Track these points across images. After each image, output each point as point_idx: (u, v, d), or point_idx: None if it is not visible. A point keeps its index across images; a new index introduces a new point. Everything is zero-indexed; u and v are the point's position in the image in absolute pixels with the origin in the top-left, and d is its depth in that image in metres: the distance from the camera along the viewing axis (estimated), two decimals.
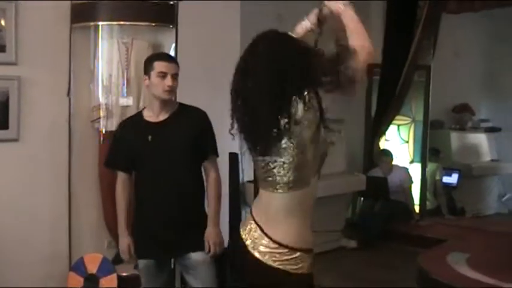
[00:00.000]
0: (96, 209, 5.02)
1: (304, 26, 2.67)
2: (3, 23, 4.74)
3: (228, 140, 3.84)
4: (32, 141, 4.91)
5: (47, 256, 4.96)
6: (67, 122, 4.96)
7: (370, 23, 7.72)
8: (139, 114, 3.69)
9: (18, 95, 4.82)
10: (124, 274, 4.80)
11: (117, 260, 4.97)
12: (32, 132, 4.90)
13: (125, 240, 3.64)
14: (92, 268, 4.68)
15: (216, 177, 3.65)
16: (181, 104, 3.64)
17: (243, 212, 5.41)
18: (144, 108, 3.75)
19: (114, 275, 4.68)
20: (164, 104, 3.52)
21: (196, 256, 3.52)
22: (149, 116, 3.58)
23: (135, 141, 3.57)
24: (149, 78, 3.52)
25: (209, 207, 3.63)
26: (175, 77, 3.52)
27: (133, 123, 3.68)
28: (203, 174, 3.67)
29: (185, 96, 3.85)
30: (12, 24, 4.76)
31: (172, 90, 3.51)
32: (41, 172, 4.95)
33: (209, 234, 3.54)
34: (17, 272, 4.72)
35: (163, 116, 3.53)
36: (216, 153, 3.70)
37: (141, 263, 3.67)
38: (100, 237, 5.13)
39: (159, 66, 3.50)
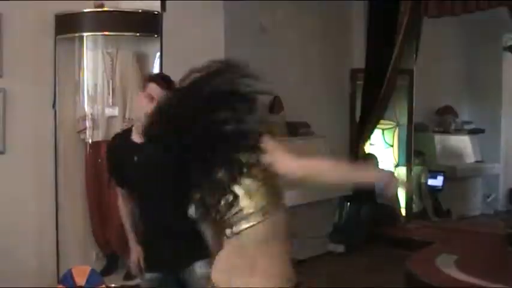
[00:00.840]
0: (83, 220, 5.02)
1: None
2: None
3: None
4: (17, 153, 4.90)
5: (34, 268, 4.94)
6: (52, 134, 4.95)
7: (353, 25, 7.80)
8: (129, 131, 3.61)
9: (3, 107, 4.81)
10: (113, 285, 4.80)
11: (106, 271, 4.99)
12: (18, 144, 4.89)
13: (134, 253, 3.61)
14: (81, 280, 4.64)
15: None
16: None
17: None
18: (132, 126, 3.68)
19: (103, 287, 4.66)
20: None
21: (200, 269, 3.46)
22: (136, 136, 3.51)
23: (123, 161, 3.51)
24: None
25: None
26: None
27: (123, 141, 3.63)
28: None
29: None
30: None
31: None
32: (27, 184, 4.94)
33: None
34: (3, 284, 4.69)
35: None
36: None
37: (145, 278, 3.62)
38: (88, 248, 5.13)
39: (151, 88, 3.34)
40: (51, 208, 4.98)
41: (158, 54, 4.98)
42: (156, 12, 4.95)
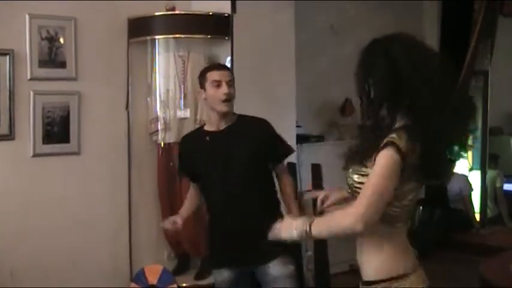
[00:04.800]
0: (156, 221, 5.08)
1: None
2: (62, 40, 4.86)
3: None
4: (92, 155, 5.01)
5: (108, 267, 5.04)
6: (126, 136, 5.04)
7: (425, 25, 7.65)
8: (200, 128, 3.69)
9: (78, 109, 4.93)
10: (184, 285, 4.84)
11: (178, 271, 5.04)
12: (92, 146, 5.00)
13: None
14: (153, 279, 4.71)
15: (288, 178, 3.65)
16: (240, 115, 3.57)
17: None
18: (204, 124, 3.73)
19: (175, 286, 4.71)
20: (223, 115, 3.46)
21: (275, 269, 3.42)
22: (209, 127, 3.56)
23: (196, 151, 3.56)
24: (205, 90, 3.48)
25: (286, 206, 3.61)
26: (230, 83, 3.46)
27: (194, 135, 3.70)
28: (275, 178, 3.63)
29: (241, 108, 3.86)
30: (72, 41, 4.88)
31: (229, 99, 3.43)
32: (101, 184, 5.04)
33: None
34: (77, 283, 4.81)
35: (222, 126, 3.48)
36: (282, 159, 3.67)
37: (217, 277, 3.61)
38: (160, 248, 5.19)
39: (211, 75, 3.46)
40: (125, 209, 5.07)
41: (229, 57, 5.00)
42: (226, 15, 4.97)
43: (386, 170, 2.12)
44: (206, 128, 3.57)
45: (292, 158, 5.12)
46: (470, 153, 8.02)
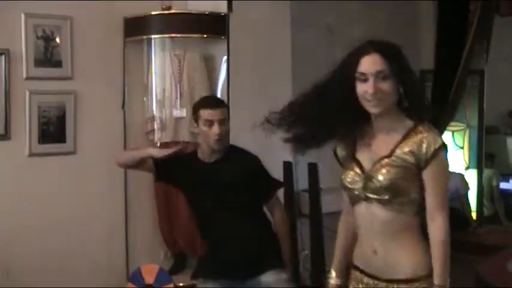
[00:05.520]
0: (152, 220, 5.08)
1: None
2: (58, 39, 4.86)
3: (280, 148, 3.86)
4: (88, 154, 5.00)
5: (104, 266, 5.04)
6: (122, 135, 5.03)
7: (421, 25, 7.65)
8: (194, 153, 3.63)
9: (75, 108, 4.93)
10: (181, 285, 4.83)
11: (174, 270, 5.03)
12: (88, 145, 5.00)
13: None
14: (149, 279, 4.70)
15: (281, 216, 3.57)
16: (232, 146, 3.51)
17: (298, 222, 5.37)
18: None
19: (171, 285, 4.70)
20: (215, 150, 3.43)
21: (268, 278, 3.38)
22: (201, 155, 3.50)
23: (188, 172, 3.51)
24: (197, 125, 3.43)
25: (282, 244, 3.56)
26: (222, 122, 3.37)
27: (187, 156, 3.65)
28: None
29: (237, 107, 3.87)
30: (68, 40, 4.88)
31: (221, 139, 3.37)
32: (97, 183, 5.04)
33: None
34: (74, 282, 4.80)
35: (214, 158, 3.44)
36: (273, 194, 3.58)
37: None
38: (156, 248, 5.19)
39: (204, 114, 3.37)
40: (121, 208, 5.06)
41: (225, 56, 5.00)
42: (223, 14, 4.97)
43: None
44: (198, 154, 3.53)
45: (288, 157, 5.12)
46: (466, 152, 8.04)
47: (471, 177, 7.88)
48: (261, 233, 3.51)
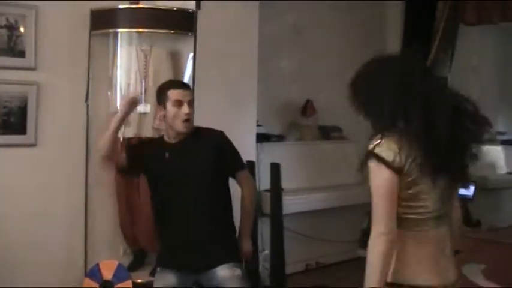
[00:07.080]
0: (112, 215, 5.04)
1: None
2: (22, 29, 4.78)
3: (243, 148, 3.86)
4: (49, 147, 4.93)
5: (62, 261, 4.97)
6: (84, 129, 4.98)
7: (388, 28, 7.71)
8: (162, 138, 3.64)
9: (37, 100, 4.85)
10: (139, 281, 4.80)
11: (133, 266, 5.00)
12: (50, 138, 4.93)
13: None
14: (108, 274, 4.67)
15: (249, 191, 3.60)
16: (197, 128, 3.53)
17: (259, 222, 5.38)
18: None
19: (130, 282, 4.68)
20: (181, 132, 3.46)
21: (222, 272, 3.40)
22: (166, 139, 3.53)
23: (152, 156, 3.52)
24: (165, 108, 3.43)
25: (242, 222, 3.59)
26: (191, 103, 3.43)
27: (153, 142, 3.66)
28: (230, 190, 3.60)
29: (203, 104, 3.86)
30: (32, 30, 4.80)
31: (189, 120, 3.41)
32: (58, 177, 4.97)
33: (244, 246, 3.55)
34: (31, 276, 4.73)
35: (181, 140, 3.47)
36: (242, 168, 3.63)
37: (159, 283, 3.55)
38: (116, 244, 5.15)
39: (173, 94, 3.41)
40: (81, 202, 5.00)
41: (192, 53, 4.98)
42: (190, 10, 4.95)
43: None
44: (164, 138, 3.54)
45: (251, 157, 5.13)
46: None
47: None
48: (221, 226, 3.53)
